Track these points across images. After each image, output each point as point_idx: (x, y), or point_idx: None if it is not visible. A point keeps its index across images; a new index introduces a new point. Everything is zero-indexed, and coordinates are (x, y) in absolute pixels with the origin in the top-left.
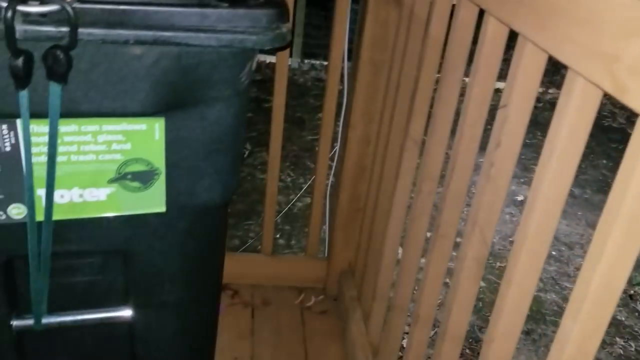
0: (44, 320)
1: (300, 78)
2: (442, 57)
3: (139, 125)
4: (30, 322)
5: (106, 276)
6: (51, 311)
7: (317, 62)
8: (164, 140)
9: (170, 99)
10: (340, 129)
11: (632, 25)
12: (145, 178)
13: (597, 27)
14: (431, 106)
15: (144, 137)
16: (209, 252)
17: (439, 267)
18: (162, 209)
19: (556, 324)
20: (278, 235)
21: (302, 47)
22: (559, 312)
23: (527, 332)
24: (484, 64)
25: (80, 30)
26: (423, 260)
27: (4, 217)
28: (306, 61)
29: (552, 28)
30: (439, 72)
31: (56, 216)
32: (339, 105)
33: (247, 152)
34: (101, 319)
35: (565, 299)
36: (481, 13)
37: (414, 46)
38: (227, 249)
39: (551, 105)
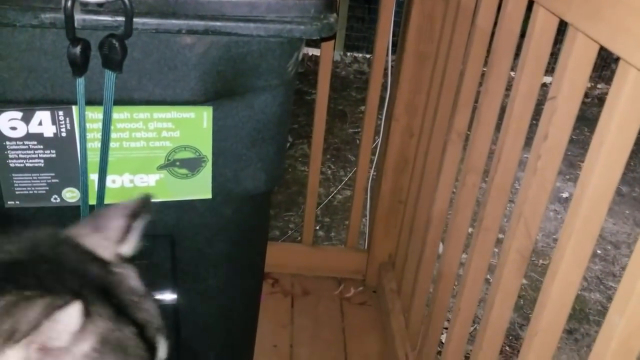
0: None
1: (342, 71)
2: (489, 49)
3: (187, 113)
4: None
5: (153, 260)
6: None
7: (360, 55)
8: (212, 128)
9: (219, 88)
10: (382, 121)
11: None
12: (192, 165)
13: None
14: (476, 99)
15: (193, 125)
16: (253, 238)
17: (481, 261)
18: (208, 195)
19: (600, 324)
20: (318, 227)
21: (344, 39)
22: (603, 312)
23: (569, 332)
24: (532, 56)
25: (135, 19)
26: (464, 255)
27: (58, 200)
28: (349, 54)
29: (606, 18)
30: (485, 64)
31: (108, 200)
32: (382, 97)
33: (288, 144)
34: None
35: (610, 299)
36: (530, 4)
37: (460, 38)
38: (268, 239)
39: (599, 100)
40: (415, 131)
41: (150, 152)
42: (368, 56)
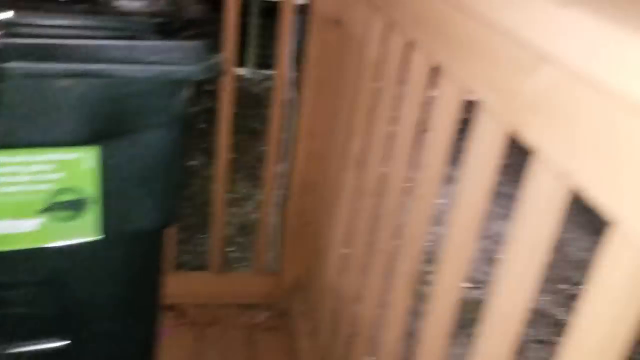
0: None
1: (255, 88)
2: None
3: (70, 154)
4: None
5: (41, 307)
6: None
7: (271, 72)
8: (97, 168)
9: (102, 128)
10: (288, 143)
11: (523, 64)
12: (77, 206)
13: (496, 64)
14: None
15: (76, 166)
16: (146, 277)
17: (376, 282)
18: (96, 237)
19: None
20: (233, 249)
21: (256, 57)
22: (538, 320)
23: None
24: (410, 97)
25: (8, 64)
26: None
27: None
28: (260, 71)
29: (463, 63)
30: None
31: None
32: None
33: (198, 165)
34: (36, 351)
35: (537, 310)
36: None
37: (352, 67)
38: (176, 266)
39: None
40: (317, 154)
41: (31, 195)
42: None
